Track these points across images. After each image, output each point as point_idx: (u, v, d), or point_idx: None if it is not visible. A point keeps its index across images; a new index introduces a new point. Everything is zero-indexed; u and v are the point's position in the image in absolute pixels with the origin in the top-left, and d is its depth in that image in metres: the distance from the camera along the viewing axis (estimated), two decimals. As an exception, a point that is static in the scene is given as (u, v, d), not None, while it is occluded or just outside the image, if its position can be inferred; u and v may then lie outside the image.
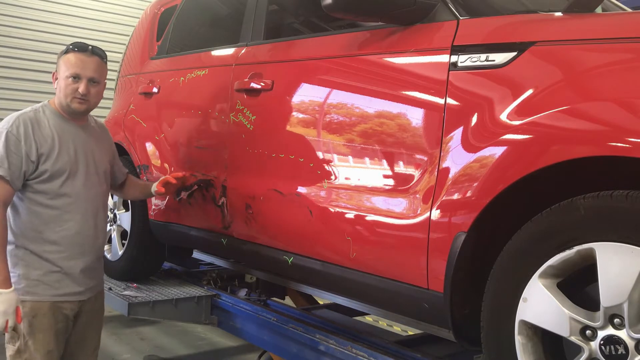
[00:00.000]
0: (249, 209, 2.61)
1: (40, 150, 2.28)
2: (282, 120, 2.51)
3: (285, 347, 2.76)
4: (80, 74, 2.33)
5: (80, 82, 2.33)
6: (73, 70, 2.33)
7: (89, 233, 2.41)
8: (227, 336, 4.81)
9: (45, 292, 2.30)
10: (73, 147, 2.37)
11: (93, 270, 2.46)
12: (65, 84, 2.33)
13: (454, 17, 1.97)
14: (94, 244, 2.44)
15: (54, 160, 2.31)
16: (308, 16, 2.96)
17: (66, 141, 2.36)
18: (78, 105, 2.36)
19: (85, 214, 2.39)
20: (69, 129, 2.39)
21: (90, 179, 2.42)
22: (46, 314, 2.31)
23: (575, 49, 1.67)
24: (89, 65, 2.35)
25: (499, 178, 1.68)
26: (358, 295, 2.46)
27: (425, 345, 2.52)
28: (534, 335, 1.61)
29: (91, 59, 2.37)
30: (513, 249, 1.65)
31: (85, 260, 2.40)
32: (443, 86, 1.89)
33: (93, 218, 2.43)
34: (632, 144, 1.42)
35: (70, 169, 2.35)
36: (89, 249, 2.41)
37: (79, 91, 2.33)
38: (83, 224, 2.38)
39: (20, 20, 6.96)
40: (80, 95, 2.33)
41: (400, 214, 1.97)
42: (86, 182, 2.40)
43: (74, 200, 2.35)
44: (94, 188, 2.44)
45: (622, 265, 1.41)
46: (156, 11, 3.88)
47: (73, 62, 2.34)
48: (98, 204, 2.46)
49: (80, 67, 2.33)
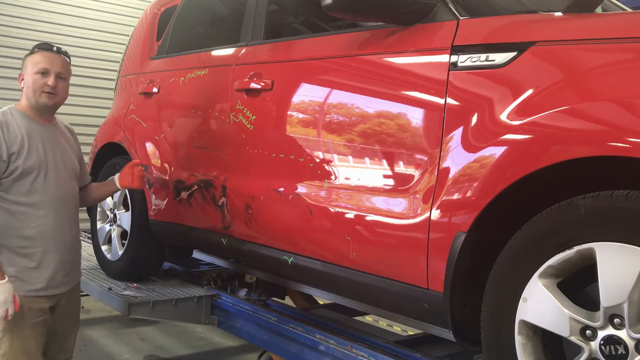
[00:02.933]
0: (249, 209, 2.61)
1: (11, 150, 2.36)
2: (282, 120, 2.51)
3: (285, 347, 2.77)
4: (48, 68, 2.43)
5: (49, 76, 2.43)
6: (41, 65, 2.43)
7: (62, 227, 2.48)
8: (227, 336, 4.81)
9: (20, 288, 2.35)
10: (42, 146, 2.45)
11: (68, 264, 2.53)
12: (34, 79, 2.43)
13: (454, 17, 1.97)
14: (67, 238, 2.51)
15: (24, 158, 2.38)
16: (308, 16, 2.96)
17: (34, 140, 2.43)
18: (47, 99, 2.44)
19: (59, 209, 2.47)
20: (36, 129, 2.46)
21: (60, 175, 2.50)
22: (22, 309, 2.33)
23: (575, 49, 1.67)
24: (56, 62, 2.47)
25: (499, 178, 1.68)
26: (358, 295, 2.46)
27: (425, 345, 2.52)
28: (534, 335, 1.61)
29: (57, 56, 2.49)
30: (513, 249, 1.65)
31: (61, 254, 2.47)
32: (443, 86, 1.89)
33: (66, 213, 2.51)
34: (632, 144, 1.42)
35: (40, 166, 2.42)
36: (62, 242, 2.49)
37: (48, 84, 2.42)
38: (56, 219, 2.46)
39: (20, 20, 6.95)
40: (49, 89, 2.43)
41: (400, 214, 1.97)
42: (57, 179, 2.48)
43: (46, 197, 2.43)
44: (65, 184, 2.52)
45: (622, 265, 1.41)
46: (156, 11, 3.88)
47: (40, 59, 2.44)
48: (69, 200, 2.54)
49: (49, 63, 2.44)
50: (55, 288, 2.47)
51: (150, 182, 3.29)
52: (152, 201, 3.27)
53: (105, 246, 3.62)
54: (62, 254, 2.49)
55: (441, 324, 1.94)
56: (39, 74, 2.43)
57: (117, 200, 3.50)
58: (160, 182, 3.23)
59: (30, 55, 2.49)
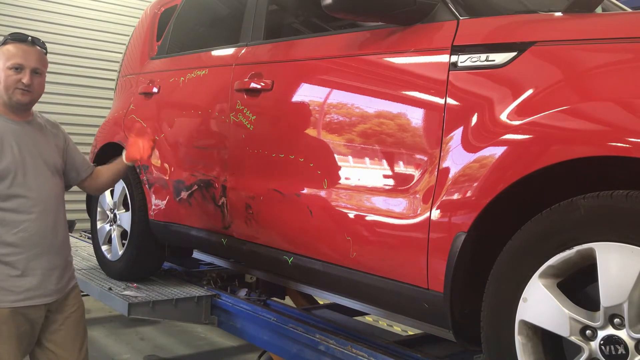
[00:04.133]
0: (249, 209, 2.61)
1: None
2: (282, 120, 2.51)
3: (285, 347, 2.76)
4: (23, 64, 2.25)
5: (24, 72, 2.25)
6: (15, 60, 2.24)
7: (48, 231, 2.31)
8: (227, 336, 4.81)
9: (5, 298, 2.21)
10: (17, 146, 2.27)
11: (57, 269, 2.35)
12: (6, 75, 2.25)
13: (454, 17, 1.97)
14: (53, 242, 2.34)
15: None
16: (308, 16, 2.96)
17: (8, 140, 2.25)
18: (21, 96, 2.27)
19: (42, 212, 2.29)
20: (10, 127, 2.28)
21: (41, 175, 2.32)
22: (6, 321, 2.21)
23: (575, 49, 1.67)
24: (31, 56, 2.28)
25: (499, 178, 1.68)
26: (358, 295, 2.46)
27: (425, 345, 2.52)
28: (534, 335, 1.61)
29: (33, 49, 2.30)
30: (513, 249, 1.65)
31: (47, 260, 2.31)
32: (443, 86, 1.89)
33: (51, 215, 2.33)
34: (632, 144, 1.42)
35: (16, 168, 2.25)
36: (48, 248, 2.31)
37: (23, 82, 2.25)
38: (40, 223, 2.28)
39: (20, 20, 6.95)
40: (23, 86, 2.25)
41: (400, 214, 1.97)
42: (37, 180, 2.30)
43: (26, 200, 2.26)
44: (47, 185, 2.34)
45: (622, 265, 1.41)
46: (156, 11, 3.88)
47: (14, 52, 2.25)
48: (54, 200, 2.36)
49: (23, 57, 2.26)
50: (45, 297, 2.30)
51: (150, 182, 3.29)
52: (152, 201, 3.27)
53: (105, 246, 3.62)
54: (50, 260, 2.32)
55: (441, 324, 1.94)
56: (12, 69, 2.24)
57: (117, 200, 3.50)
58: (160, 182, 3.23)
59: (3, 47, 2.27)
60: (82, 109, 7.25)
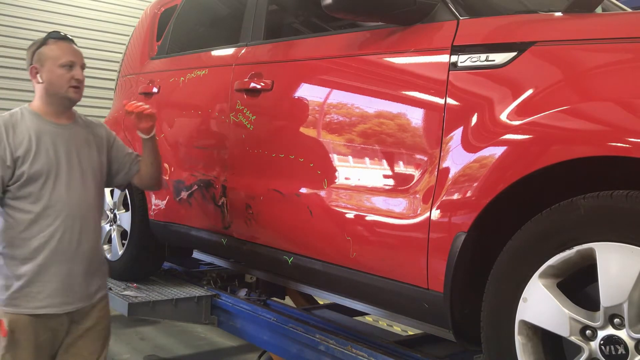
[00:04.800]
0: (249, 209, 2.61)
1: (16, 154, 2.16)
2: (282, 120, 2.51)
3: (285, 347, 2.77)
4: (74, 60, 2.24)
5: (75, 69, 2.24)
6: (67, 58, 2.23)
7: (72, 239, 2.24)
8: (227, 336, 4.81)
9: (25, 305, 2.17)
10: (53, 148, 2.23)
11: (79, 278, 2.27)
12: (58, 74, 2.22)
13: (454, 17, 1.97)
14: (78, 250, 2.25)
15: (30, 163, 2.17)
16: (308, 16, 2.96)
17: (45, 142, 2.22)
18: (74, 94, 2.26)
19: (67, 218, 2.23)
20: (48, 130, 2.25)
21: (73, 181, 2.26)
22: (26, 328, 2.17)
23: (575, 49, 1.67)
24: (77, 52, 2.28)
25: (499, 178, 1.68)
26: (358, 295, 2.46)
27: (425, 345, 2.52)
28: (534, 335, 1.61)
29: (74, 46, 2.30)
30: (513, 249, 1.65)
31: (69, 268, 2.23)
32: (443, 86, 1.89)
33: (77, 222, 2.25)
34: (632, 144, 1.42)
35: (49, 171, 2.21)
36: (72, 256, 2.24)
37: (78, 78, 2.24)
38: (65, 229, 2.22)
39: (20, 20, 6.96)
40: (76, 83, 2.24)
41: (400, 214, 1.97)
42: (69, 185, 2.25)
43: (53, 204, 2.21)
44: (78, 190, 2.27)
45: (622, 265, 1.41)
46: (156, 11, 3.88)
47: (62, 50, 2.24)
48: (83, 207, 2.28)
49: (72, 54, 2.25)
50: (65, 305, 2.23)
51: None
52: (152, 201, 3.27)
53: (105, 246, 3.62)
54: (72, 268, 2.24)
55: (441, 324, 1.94)
56: (64, 67, 2.21)
57: (117, 201, 3.50)
58: (160, 182, 3.22)
59: (46, 47, 2.24)
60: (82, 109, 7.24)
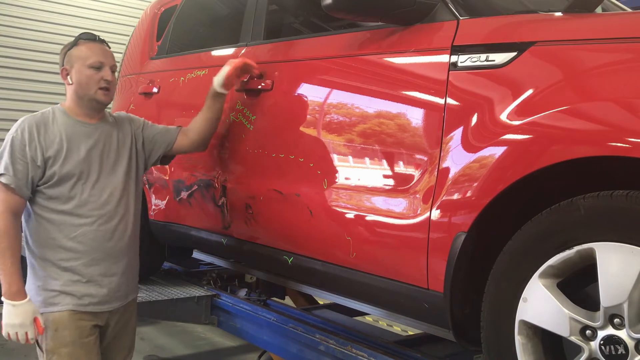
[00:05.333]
0: (249, 209, 2.61)
1: (47, 154, 2.16)
2: (282, 120, 2.51)
3: (285, 347, 2.77)
4: (103, 61, 2.23)
5: (104, 70, 2.23)
6: (96, 58, 2.22)
7: (107, 236, 2.25)
8: (227, 336, 4.81)
9: (65, 303, 2.18)
10: (84, 148, 2.22)
11: (117, 276, 2.29)
12: (87, 75, 2.21)
13: (454, 17, 1.97)
14: (114, 247, 2.27)
15: (61, 163, 2.17)
16: (308, 16, 2.96)
17: (76, 142, 2.21)
18: (103, 97, 2.25)
19: (102, 216, 2.24)
20: (79, 130, 2.24)
21: (104, 180, 2.26)
22: (68, 326, 2.18)
23: (575, 49, 1.67)
24: (107, 53, 2.27)
25: (499, 178, 1.68)
26: (358, 296, 2.46)
27: (425, 345, 2.52)
28: (534, 335, 1.61)
29: (105, 46, 2.29)
30: (513, 249, 1.65)
31: (107, 266, 2.25)
32: (443, 86, 1.89)
33: (113, 220, 2.26)
34: (632, 144, 1.43)
35: (80, 171, 2.20)
36: (108, 253, 2.25)
37: (107, 79, 2.22)
38: (98, 227, 2.22)
39: (20, 20, 6.95)
40: (105, 84, 2.22)
41: (400, 214, 1.97)
42: (99, 184, 2.25)
43: (86, 203, 2.21)
44: (109, 189, 2.27)
45: (622, 265, 1.41)
46: (156, 11, 3.88)
47: (91, 51, 2.23)
48: (118, 205, 2.28)
49: (102, 55, 2.24)
50: (104, 304, 2.25)
51: (150, 182, 3.29)
52: (152, 201, 3.27)
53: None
54: (109, 266, 2.25)
55: (441, 324, 1.94)
56: (93, 68, 2.20)
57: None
58: (160, 182, 3.23)
59: (76, 47, 2.23)
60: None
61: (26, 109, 6.34)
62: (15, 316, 2.07)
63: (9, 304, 2.08)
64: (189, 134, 2.59)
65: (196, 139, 2.60)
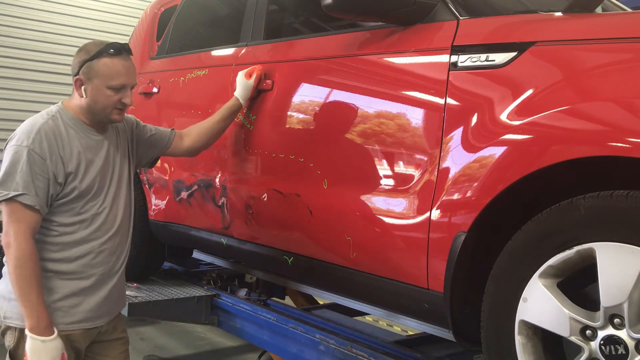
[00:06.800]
0: (249, 209, 2.61)
1: (68, 169, 1.98)
2: (282, 120, 2.51)
3: (285, 347, 2.76)
4: (126, 83, 2.03)
5: (125, 91, 2.04)
6: (119, 81, 2.01)
7: (111, 250, 2.13)
8: (227, 336, 4.81)
9: (57, 321, 2.00)
10: (100, 161, 2.09)
11: (115, 290, 2.18)
12: (106, 95, 2.01)
13: (454, 17, 1.97)
14: (116, 262, 2.16)
15: (81, 178, 2.01)
16: (308, 16, 2.96)
17: (92, 155, 2.06)
18: (118, 116, 2.07)
19: (108, 230, 2.11)
20: (92, 141, 2.08)
21: (111, 192, 2.12)
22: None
23: (575, 49, 1.67)
24: (131, 71, 2.07)
25: (499, 178, 1.68)
26: (358, 295, 2.46)
27: (425, 345, 2.52)
28: (534, 335, 1.61)
29: (128, 63, 2.06)
30: (513, 249, 1.65)
31: (108, 281, 2.13)
32: (443, 86, 1.89)
33: (117, 237, 2.14)
34: (632, 144, 1.43)
35: (97, 185, 2.06)
36: (110, 268, 2.13)
37: (125, 102, 2.04)
38: (104, 241, 2.09)
39: (20, 20, 6.95)
40: (122, 106, 2.05)
41: (401, 214, 1.97)
42: (106, 197, 2.10)
43: (94, 217, 2.06)
44: (115, 201, 2.14)
45: (622, 265, 1.41)
46: (156, 11, 3.88)
47: (116, 70, 2.01)
48: (119, 219, 2.15)
49: (125, 76, 2.03)
50: (97, 320, 2.11)
51: (150, 182, 3.29)
52: (152, 201, 3.27)
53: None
54: (110, 281, 2.13)
55: (441, 324, 1.94)
56: (113, 89, 2.01)
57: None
58: (160, 182, 3.23)
59: (98, 61, 1.99)
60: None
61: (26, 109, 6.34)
62: (45, 353, 1.90)
63: (38, 340, 1.90)
64: (184, 140, 2.47)
65: (192, 146, 2.50)
